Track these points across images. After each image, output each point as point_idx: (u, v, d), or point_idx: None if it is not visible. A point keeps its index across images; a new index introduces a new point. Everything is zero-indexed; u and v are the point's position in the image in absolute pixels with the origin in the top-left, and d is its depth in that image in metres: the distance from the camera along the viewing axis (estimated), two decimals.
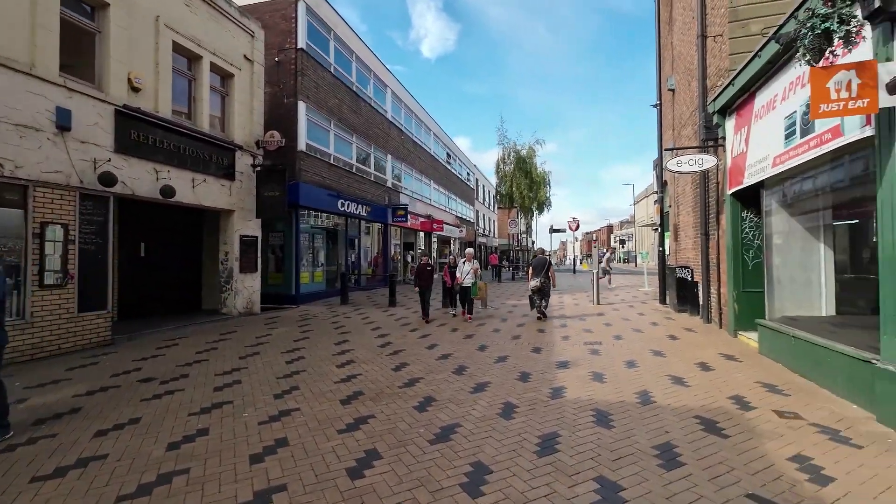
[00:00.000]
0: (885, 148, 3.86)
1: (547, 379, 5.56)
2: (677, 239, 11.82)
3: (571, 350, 7.12)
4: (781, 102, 5.71)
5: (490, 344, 7.70)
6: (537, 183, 27.12)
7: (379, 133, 19.65)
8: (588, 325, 9.36)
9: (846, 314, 5.99)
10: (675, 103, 11.80)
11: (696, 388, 5.08)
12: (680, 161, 7.99)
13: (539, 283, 10.21)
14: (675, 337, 7.88)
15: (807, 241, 6.38)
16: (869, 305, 5.64)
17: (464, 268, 10.31)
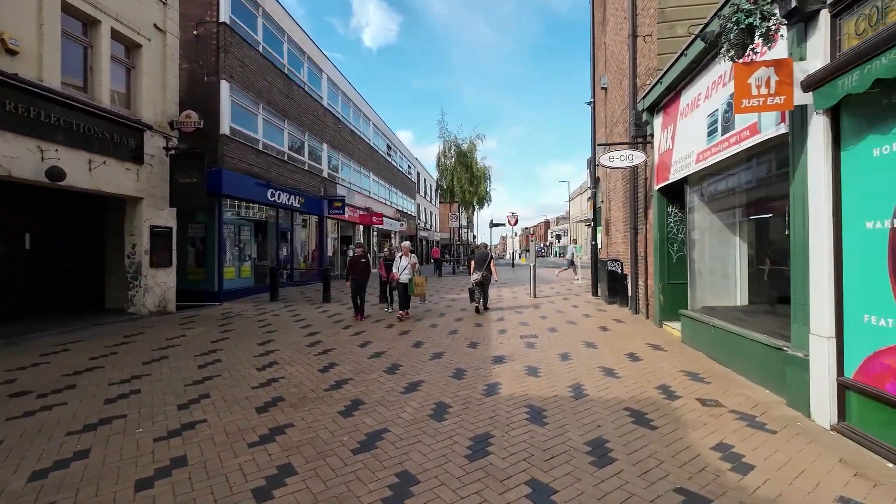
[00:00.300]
0: (797, 145, 4.03)
1: (482, 375, 5.40)
2: (609, 233, 12.25)
3: (508, 344, 7.04)
4: (705, 101, 5.92)
5: (426, 340, 7.45)
6: (478, 177, 27.27)
7: (314, 120, 18.68)
8: (525, 318, 9.40)
9: (757, 304, 6.37)
10: (608, 101, 12.17)
11: (626, 378, 5.15)
12: (612, 156, 8.17)
13: (481, 276, 10.39)
14: (606, 328, 8.08)
15: (724, 235, 6.73)
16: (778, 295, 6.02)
17: (400, 262, 9.67)
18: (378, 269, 11.30)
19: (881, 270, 3.23)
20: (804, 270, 3.95)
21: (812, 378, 3.83)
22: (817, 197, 3.77)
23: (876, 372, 3.29)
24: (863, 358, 3.41)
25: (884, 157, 3.21)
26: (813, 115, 3.79)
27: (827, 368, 3.66)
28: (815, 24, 3.79)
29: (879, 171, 3.25)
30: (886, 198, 3.18)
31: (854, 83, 3.11)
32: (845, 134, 3.58)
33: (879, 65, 2.88)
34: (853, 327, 3.50)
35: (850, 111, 3.53)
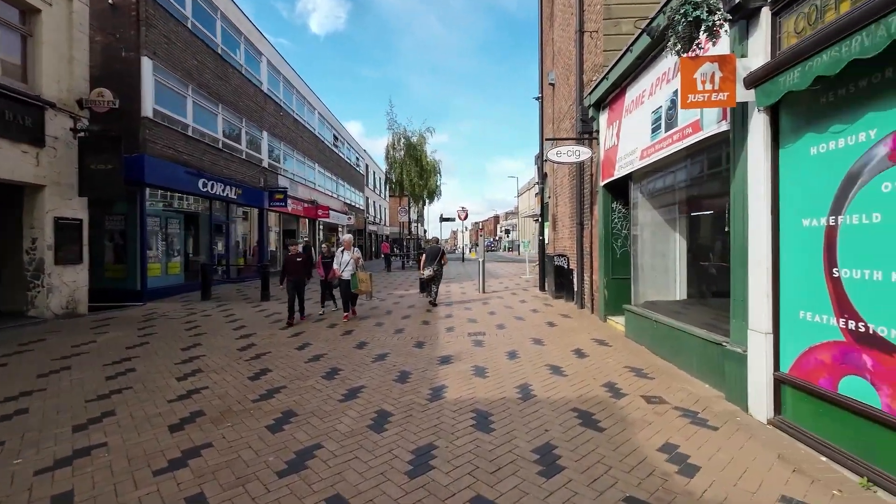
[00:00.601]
0: (738, 142, 4.06)
1: (427, 378, 5.13)
2: (556, 229, 12.38)
3: (455, 343, 6.82)
4: (649, 98, 5.95)
5: (370, 340, 7.07)
6: (427, 171, 26.93)
7: (252, 106, 17.51)
8: (473, 315, 9.24)
9: (696, 299, 6.55)
10: (555, 97, 12.25)
11: (573, 377, 5.07)
12: (559, 151, 8.14)
13: (432, 271, 10.40)
14: (553, 324, 8.08)
15: (665, 231, 6.86)
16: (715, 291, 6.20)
17: (342, 257, 8.76)
18: (316, 267, 10.27)
19: (817, 268, 3.27)
20: (743, 267, 4.00)
21: (750, 373, 3.89)
22: (757, 194, 3.80)
23: (810, 367, 3.35)
24: (798, 353, 3.47)
25: (820, 156, 3.25)
26: (754, 113, 3.82)
27: (764, 364, 3.71)
28: (756, 21, 3.80)
29: (816, 170, 3.29)
30: (822, 196, 3.22)
31: (796, 80, 3.10)
32: (784, 132, 3.62)
33: (821, 62, 2.88)
34: (789, 323, 3.56)
35: (789, 110, 3.56)
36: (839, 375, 3.09)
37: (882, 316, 2.78)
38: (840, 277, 3.08)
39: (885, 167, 2.75)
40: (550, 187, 13.11)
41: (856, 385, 2.96)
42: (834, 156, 3.13)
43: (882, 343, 2.77)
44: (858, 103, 2.94)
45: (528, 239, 25.49)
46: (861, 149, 2.92)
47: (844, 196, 3.04)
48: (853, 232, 2.98)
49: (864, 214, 2.89)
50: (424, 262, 10.61)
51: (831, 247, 3.16)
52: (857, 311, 2.95)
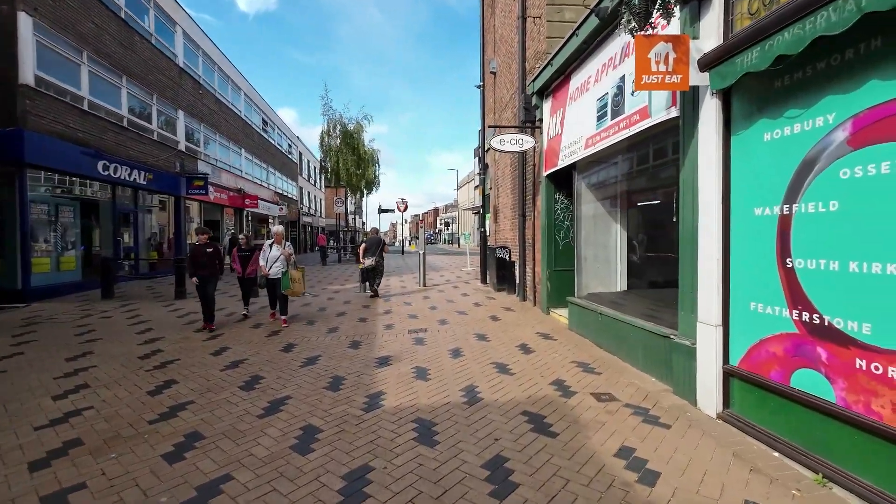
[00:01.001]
0: (688, 129, 3.93)
1: (363, 383, 4.61)
2: (497, 220, 12.22)
3: (395, 341, 6.34)
4: (595, 84, 5.79)
5: (299, 341, 6.39)
6: (365, 160, 25.94)
7: (165, 82, 15.67)
8: (413, 310, 8.79)
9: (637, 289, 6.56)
10: (497, 86, 12.02)
11: (520, 375, 4.79)
12: (503, 139, 7.87)
13: (373, 261, 10.30)
14: (496, 318, 7.84)
15: (607, 222, 6.81)
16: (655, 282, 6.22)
17: (270, 252, 7.44)
18: (231, 262, 8.49)
19: (769, 258, 3.18)
20: (692, 258, 3.88)
21: (699, 367, 3.79)
22: (707, 183, 3.68)
23: (761, 360, 3.27)
24: (748, 346, 3.38)
25: (774, 142, 3.14)
26: (705, 98, 3.68)
27: (714, 357, 3.62)
28: (708, 2, 3.65)
29: (770, 157, 3.18)
30: (776, 184, 3.12)
31: (754, 60, 2.94)
32: (736, 118, 3.50)
33: (782, 40, 2.72)
34: (740, 315, 3.47)
35: (742, 95, 3.44)
36: (792, 368, 3.01)
37: (838, 307, 2.69)
38: (794, 268, 2.99)
39: (844, 153, 2.64)
40: (492, 178, 12.92)
41: (809, 378, 2.88)
42: (789, 142, 3.02)
43: (837, 335, 2.69)
44: (816, 87, 2.83)
45: (469, 231, 25.44)
46: (818, 134, 2.81)
47: (800, 184, 2.94)
48: (808, 221, 2.88)
49: (821, 202, 2.79)
50: (365, 252, 10.42)
51: (785, 236, 3.06)
52: (812, 303, 2.86)
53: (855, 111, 2.59)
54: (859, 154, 2.56)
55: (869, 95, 2.51)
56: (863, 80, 2.55)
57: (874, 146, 2.48)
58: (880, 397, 2.46)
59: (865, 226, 2.53)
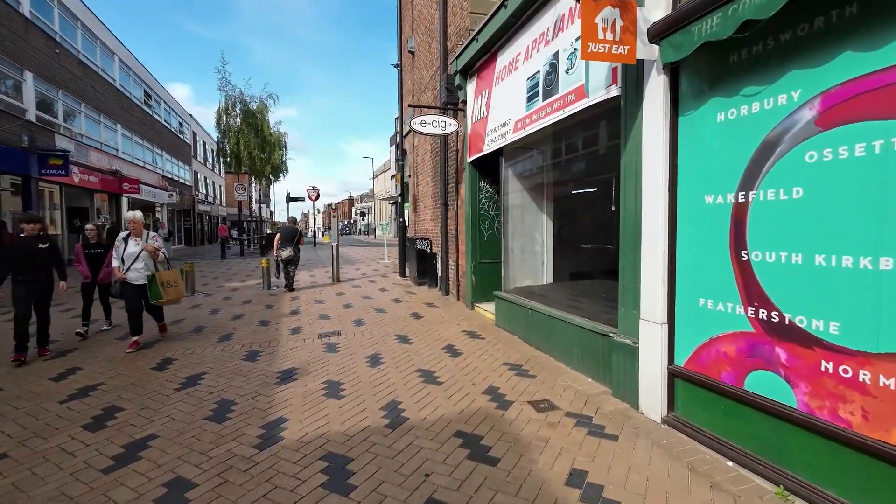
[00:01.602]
0: (630, 109, 3.59)
1: (259, 408, 3.72)
2: (417, 210, 11.58)
3: (302, 348, 5.43)
4: (524, 62, 5.35)
5: (180, 355, 5.22)
6: (271, 144, 23.63)
7: (4, 34, 12.59)
8: (325, 308, 7.85)
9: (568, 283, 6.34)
10: (416, 67, 11.30)
11: (450, 383, 4.23)
12: (424, 121, 7.21)
13: (290, 252, 9.80)
14: (418, 315, 7.22)
15: (535, 212, 6.50)
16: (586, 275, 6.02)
17: (126, 248, 5.39)
18: (76, 265, 6.26)
19: (721, 250, 2.91)
20: (635, 250, 3.57)
21: (642, 367, 3.51)
22: (652, 169, 3.36)
23: (710, 360, 3.02)
24: (696, 345, 3.13)
25: (729, 123, 2.86)
26: (651, 75, 3.34)
27: (659, 357, 3.34)
28: None
29: (723, 139, 2.90)
30: (730, 169, 2.85)
31: (716, 28, 2.60)
32: (684, 97, 3.20)
33: (751, 2, 2.37)
34: (687, 312, 3.21)
35: (692, 71, 3.14)
36: (746, 370, 2.77)
37: (801, 304, 2.46)
38: (749, 261, 2.74)
39: (811, 134, 2.39)
40: (411, 165, 12.22)
41: (766, 381, 2.65)
42: (746, 122, 2.75)
43: (800, 335, 2.46)
44: (779, 61, 2.55)
45: (386, 221, 24.51)
46: (780, 113, 2.54)
47: (758, 168, 2.67)
48: (768, 209, 2.63)
49: (783, 189, 2.54)
50: (279, 243, 9.91)
51: (740, 227, 2.80)
52: (770, 299, 2.61)
53: (824, 87, 2.33)
54: (829, 135, 2.31)
55: (841, 69, 2.26)
56: (834, 52, 2.29)
57: (847, 126, 2.23)
58: (849, 403, 2.24)
59: (835, 215, 2.29)
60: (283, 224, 11.93)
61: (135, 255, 5.41)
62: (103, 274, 6.09)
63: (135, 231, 5.48)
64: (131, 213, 5.61)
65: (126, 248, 5.42)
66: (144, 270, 5.49)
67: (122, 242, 5.45)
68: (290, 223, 11.04)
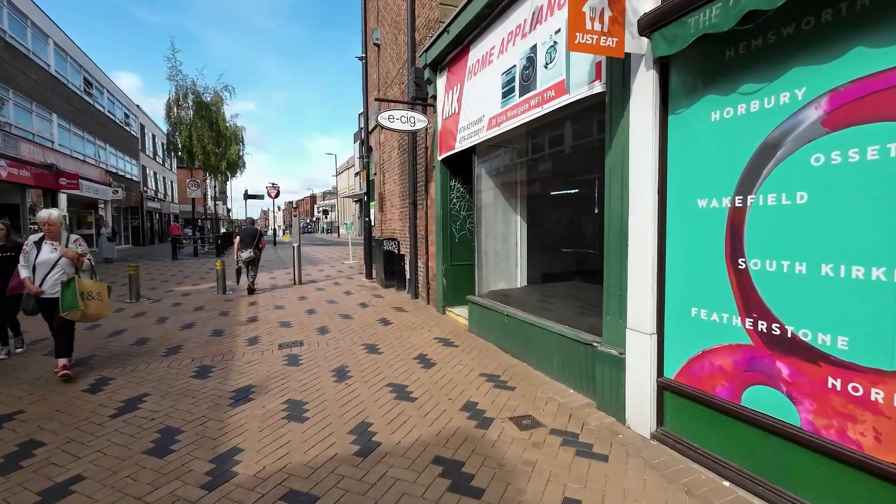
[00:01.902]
0: (616, 107, 3.39)
1: (209, 436, 3.28)
2: (383, 209, 11.16)
3: (260, 362, 4.97)
4: (499, 56, 5.09)
5: (118, 373, 4.64)
6: (227, 138, 22.46)
7: None
8: (286, 315, 7.34)
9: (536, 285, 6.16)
10: (382, 60, 10.86)
11: (424, 399, 3.91)
12: (392, 116, 6.83)
13: (251, 254, 9.49)
14: (387, 321, 6.85)
15: (509, 213, 6.30)
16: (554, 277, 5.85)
17: (38, 255, 4.45)
18: None
19: (716, 257, 2.75)
20: (621, 256, 3.39)
21: (629, 379, 3.33)
22: (640, 170, 3.18)
23: (704, 374, 2.86)
24: (688, 357, 2.97)
25: (724, 123, 2.69)
26: (639, 71, 3.15)
27: (648, 369, 3.16)
28: None
29: (718, 140, 2.73)
30: (726, 171, 2.68)
31: (715, 19, 2.41)
32: (675, 95, 3.02)
33: None
34: (678, 322, 3.04)
35: (683, 67, 2.96)
36: (743, 385, 2.62)
37: (804, 317, 2.31)
38: (748, 269, 2.58)
39: (817, 135, 2.24)
40: (377, 162, 11.77)
41: (766, 397, 2.50)
42: (743, 122, 2.59)
43: (804, 349, 2.31)
44: (781, 57, 2.40)
45: (351, 220, 23.86)
46: (783, 113, 2.38)
47: (757, 171, 2.52)
48: (768, 215, 2.47)
49: (785, 193, 2.38)
50: (239, 244, 9.54)
51: (737, 233, 2.64)
52: (771, 310, 2.46)
53: (833, 85, 2.18)
54: (837, 136, 2.16)
55: (852, 66, 2.11)
56: (844, 47, 2.14)
57: (858, 127, 2.09)
58: (859, 423, 2.10)
59: (845, 222, 2.15)
60: (242, 224, 11.39)
61: (51, 264, 4.45)
62: (12, 285, 4.86)
63: (51, 234, 4.51)
64: (46, 212, 4.57)
65: (39, 255, 4.44)
66: (59, 276, 4.48)
67: (34, 248, 4.46)
68: (249, 223, 10.58)
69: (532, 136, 5.36)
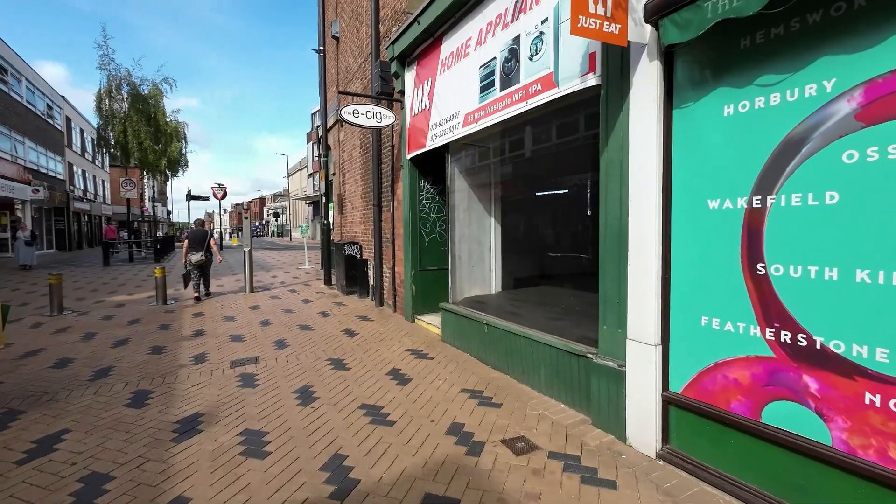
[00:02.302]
0: (613, 101, 3.16)
1: (147, 483, 2.69)
2: (343, 211, 10.56)
3: (209, 384, 4.34)
4: (476, 48, 4.78)
5: (33, 404, 3.87)
6: (167, 134, 20.81)
7: None
8: (238, 327, 6.64)
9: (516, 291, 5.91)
10: (341, 54, 10.30)
11: (403, 422, 3.50)
12: (356, 110, 6.35)
13: (201, 257, 8.89)
14: (352, 332, 6.34)
15: (485, 215, 6.01)
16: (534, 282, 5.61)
17: None
18: None
19: (731, 263, 2.55)
20: (619, 261, 3.15)
21: (630, 394, 3.09)
22: (643, 168, 2.95)
23: (717, 388, 2.65)
24: (697, 370, 2.75)
25: (739, 117, 2.50)
26: (641, 61, 2.93)
27: (653, 382, 2.93)
28: None
29: (732, 136, 2.54)
30: (742, 170, 2.49)
31: (738, 2, 2.20)
32: (680, 88, 2.82)
33: None
34: (685, 332, 2.83)
35: (691, 56, 2.76)
36: (764, 400, 2.42)
37: (836, 327, 2.13)
38: (768, 275, 2.39)
39: (850, 130, 2.07)
40: (335, 162, 11.16)
41: (790, 413, 2.31)
42: (762, 117, 2.40)
43: (836, 362, 2.13)
44: (806, 45, 2.22)
45: (306, 224, 22.82)
46: (809, 106, 2.21)
47: (778, 170, 2.33)
48: (792, 217, 2.29)
49: (812, 193, 2.20)
50: (188, 247, 8.95)
51: (755, 236, 2.44)
52: (796, 320, 2.28)
53: (868, 76, 2.01)
54: (874, 131, 2.00)
55: (891, 56, 1.94)
56: (881, 35, 1.98)
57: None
58: None
59: (884, 224, 1.98)
60: (190, 227, 10.63)
61: None
62: None
63: None
64: None
65: None
66: None
67: None
68: (198, 225, 9.83)
69: (511, 134, 5.10)
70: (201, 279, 9.07)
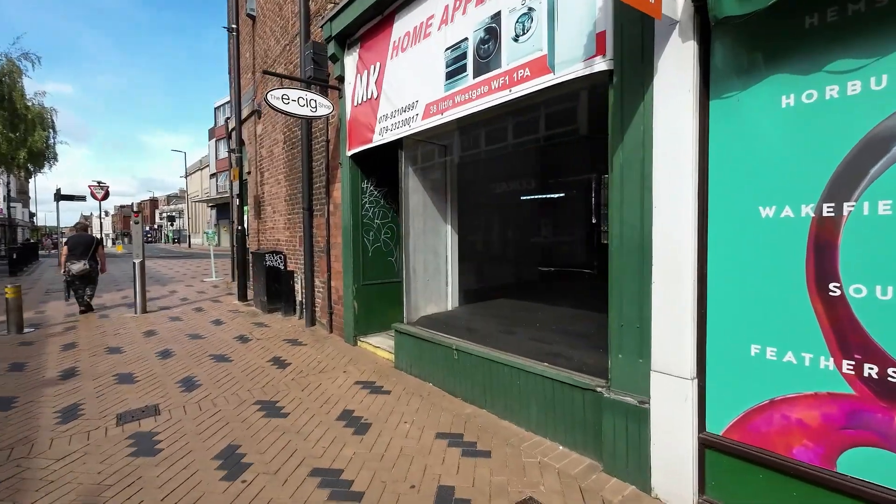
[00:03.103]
0: (630, 89, 2.68)
1: None
2: (262, 215, 9.19)
3: (86, 454, 3.10)
4: (441, 28, 4.11)
5: None
6: (27, 121, 17.19)
7: None
8: (127, 362, 5.20)
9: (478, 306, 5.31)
10: (258, 36, 8.98)
11: (376, 494, 2.67)
12: (287, 97, 5.32)
13: (84, 266, 7.84)
14: (282, 361, 5.24)
15: (438, 221, 5.34)
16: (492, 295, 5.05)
17: None
18: None
19: (791, 281, 2.15)
20: (640, 277, 2.66)
21: (656, 436, 2.60)
22: (675, 169, 2.48)
23: (772, 429, 2.24)
24: (745, 408, 2.33)
25: (804, 109, 2.12)
26: (669, 43, 2.47)
27: (689, 423, 2.46)
28: None
29: (793, 131, 2.15)
30: (807, 172, 2.10)
31: None
32: (719, 74, 2.39)
33: None
34: (728, 364, 2.39)
35: (733, 39, 2.34)
36: (840, 446, 2.03)
37: None
38: (845, 297, 2.01)
39: None
40: (251, 159, 9.73)
41: (877, 463, 1.94)
42: (835, 109, 2.03)
43: None
44: (894, 24, 1.86)
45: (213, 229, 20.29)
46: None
47: (858, 172, 1.96)
48: (876, 228, 1.93)
49: None
50: (69, 255, 7.81)
51: (825, 251, 2.06)
52: (885, 350, 1.91)
53: None
54: None
55: None
56: None
57: None
58: None
59: None
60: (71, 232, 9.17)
61: None
62: None
63: None
64: None
65: None
66: None
67: None
68: (81, 229, 8.61)
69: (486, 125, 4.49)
70: (86, 289, 8.08)
